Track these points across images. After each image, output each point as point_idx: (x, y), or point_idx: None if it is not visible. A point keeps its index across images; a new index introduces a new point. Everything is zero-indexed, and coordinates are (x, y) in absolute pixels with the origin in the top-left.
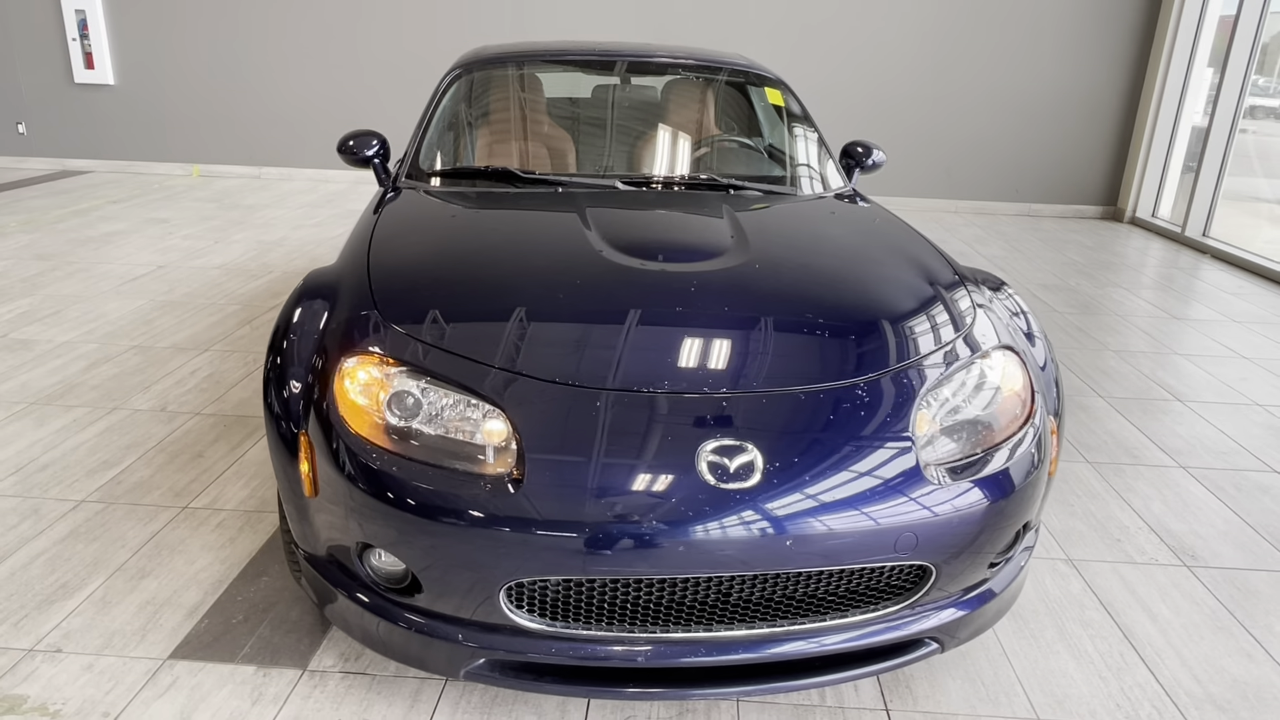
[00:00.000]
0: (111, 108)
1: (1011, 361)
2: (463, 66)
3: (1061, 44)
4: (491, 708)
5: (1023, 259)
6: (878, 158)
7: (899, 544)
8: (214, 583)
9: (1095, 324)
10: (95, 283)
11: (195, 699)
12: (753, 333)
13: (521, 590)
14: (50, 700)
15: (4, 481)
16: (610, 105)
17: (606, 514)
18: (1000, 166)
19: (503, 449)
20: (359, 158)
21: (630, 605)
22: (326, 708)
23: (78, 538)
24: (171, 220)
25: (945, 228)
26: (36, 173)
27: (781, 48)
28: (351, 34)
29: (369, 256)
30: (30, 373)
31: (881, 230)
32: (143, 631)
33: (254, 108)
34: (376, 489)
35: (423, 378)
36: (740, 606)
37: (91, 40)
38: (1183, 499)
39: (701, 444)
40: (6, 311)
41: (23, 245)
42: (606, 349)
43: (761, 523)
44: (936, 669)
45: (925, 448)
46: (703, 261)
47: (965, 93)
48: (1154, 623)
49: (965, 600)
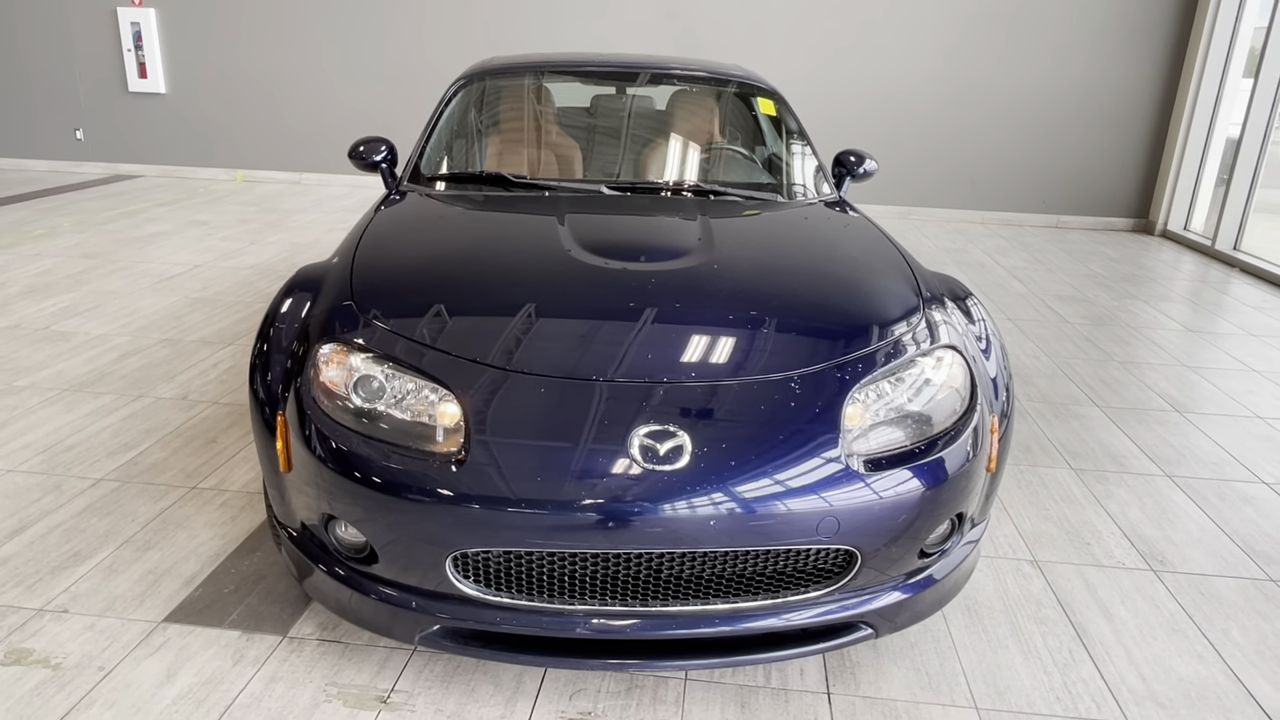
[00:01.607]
0: (162, 115)
1: (954, 361)
2: (466, 77)
3: (1092, 52)
4: (452, 676)
5: (1042, 270)
6: (869, 166)
7: (821, 528)
8: (211, 555)
9: (1105, 335)
10: (135, 280)
11: (182, 658)
12: (698, 328)
13: (467, 560)
14: (53, 654)
15: (33, 460)
16: (603, 115)
17: (541, 491)
18: (1027, 177)
19: (454, 430)
20: (368, 163)
21: (567, 578)
22: (300, 670)
23: (93, 512)
24: (211, 223)
25: (968, 239)
26: (92, 177)
27: (799, 54)
28: (387, 48)
29: (355, 254)
30: (67, 362)
31: (850, 236)
32: (142, 597)
33: (296, 116)
34: (338, 465)
35: (387, 364)
36: (673, 583)
37: (145, 51)
38: (1161, 507)
39: (634, 429)
40: (51, 306)
41: (73, 244)
42: (556, 339)
43: (687, 503)
44: (884, 656)
45: (859, 439)
46: (665, 261)
47: (990, 101)
48: (1109, 623)
49: (902, 586)
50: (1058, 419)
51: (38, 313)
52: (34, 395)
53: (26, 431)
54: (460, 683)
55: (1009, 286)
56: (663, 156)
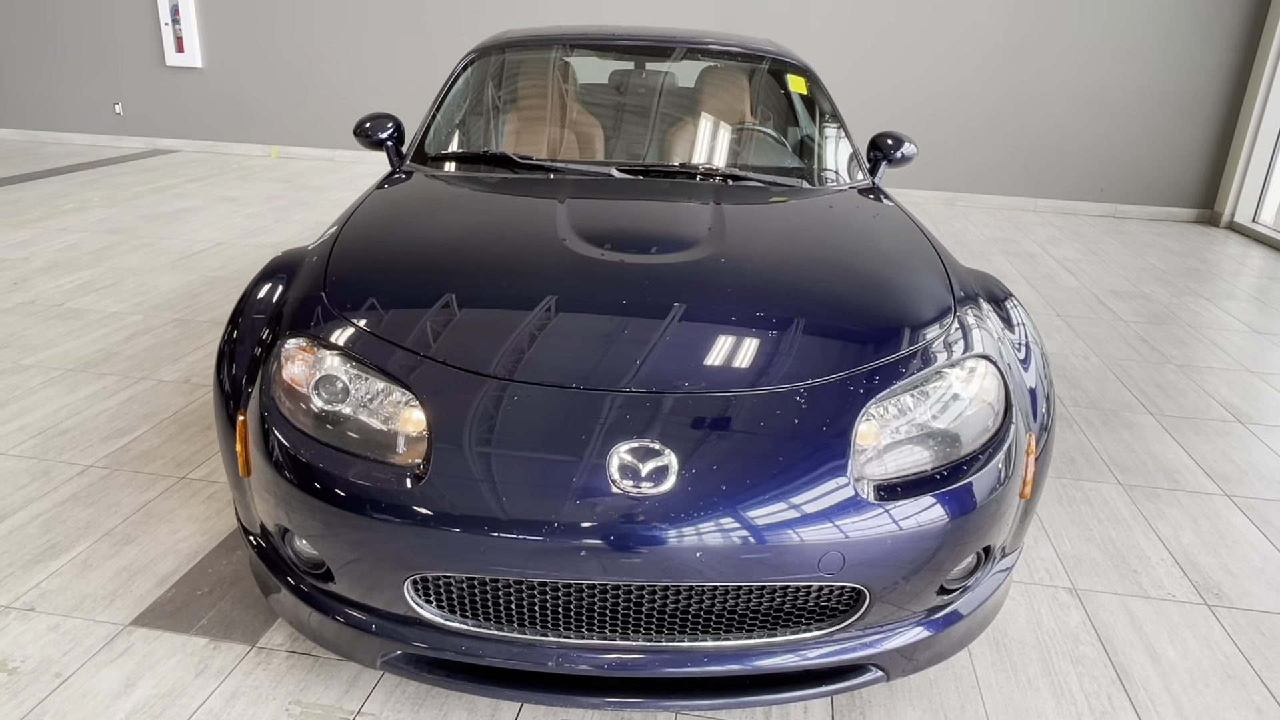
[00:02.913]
0: (199, 90)
1: (987, 373)
2: (477, 51)
3: (1160, 35)
4: (425, 700)
5: (1096, 262)
6: (907, 150)
7: (824, 563)
8: (190, 553)
9: (1162, 335)
10: (155, 257)
11: (143, 667)
12: (695, 330)
13: (428, 585)
14: (11, 657)
15: (26, 443)
16: (618, 93)
17: (506, 513)
18: (1084, 164)
19: (416, 440)
20: (373, 140)
21: (537, 609)
22: (265, 685)
23: (77, 501)
24: (240, 199)
25: (1018, 227)
26: (130, 151)
27: (849, 34)
28: (425, 24)
29: (336, 239)
30: (75, 340)
31: (878, 227)
32: (112, 597)
33: (330, 93)
34: (293, 474)
35: (352, 363)
36: (656, 618)
37: (182, 25)
38: (1219, 530)
39: (614, 445)
40: (69, 282)
41: (100, 219)
42: (535, 341)
43: (670, 532)
44: (898, 696)
45: (872, 461)
46: (669, 254)
47: (1047, 83)
48: (1155, 664)
49: (921, 623)
50: (1106, 427)
51: (55, 289)
52: (38, 374)
53: (25, 413)
54: (432, 707)
55: (1060, 279)
56: (680, 138)
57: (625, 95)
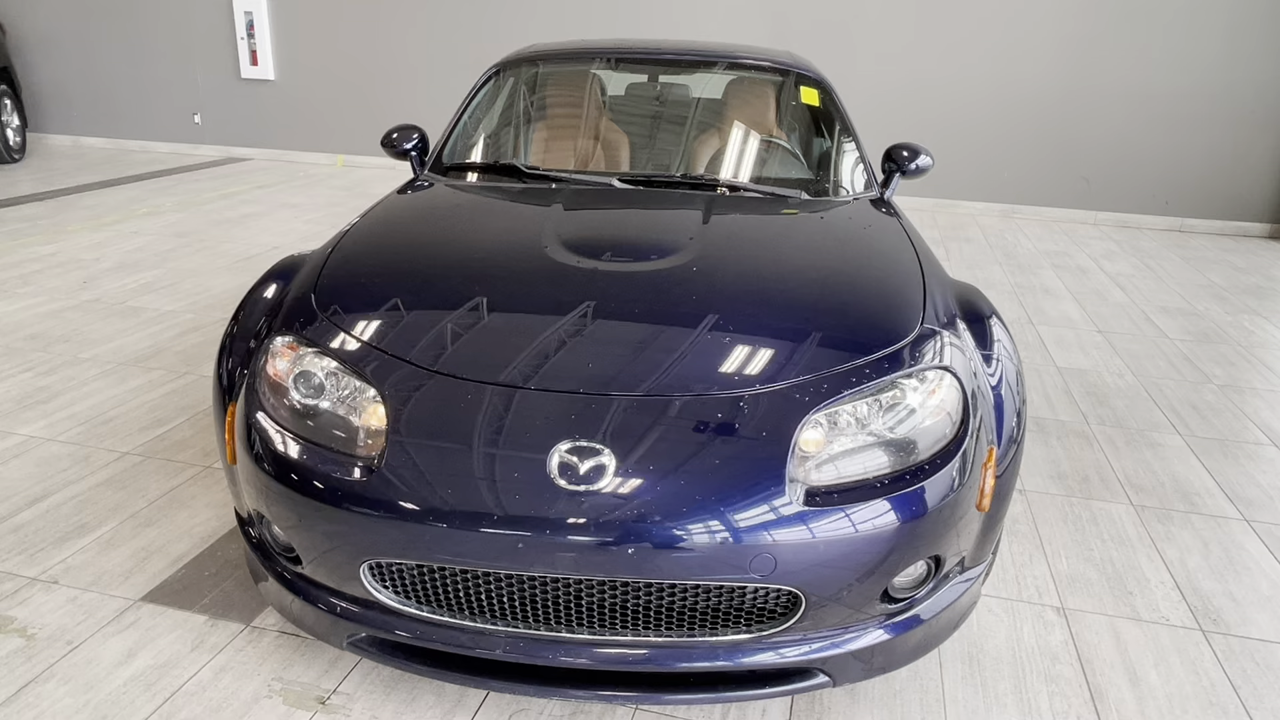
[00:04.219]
0: (271, 101)
1: (946, 385)
2: (498, 66)
3: (1229, 43)
4: (397, 683)
5: (1151, 278)
6: (922, 162)
7: (755, 564)
8: (203, 537)
9: (1208, 354)
10: (214, 260)
11: (146, 639)
12: (651, 335)
13: (383, 570)
14: (31, 624)
15: (72, 430)
16: (630, 105)
17: (448, 504)
18: (1148, 176)
19: (378, 433)
20: (399, 150)
21: (484, 598)
22: (252, 662)
23: (110, 485)
24: (302, 206)
25: (1073, 240)
26: (207, 159)
27: (902, 40)
28: (487, 38)
29: (337, 243)
30: (130, 336)
31: (865, 240)
32: (129, 574)
33: (394, 104)
34: (267, 462)
35: (328, 360)
36: (595, 612)
37: (256, 39)
38: (1230, 556)
39: (556, 444)
40: (132, 281)
41: (170, 224)
42: (493, 342)
43: (604, 528)
44: (859, 702)
45: (818, 468)
46: (643, 261)
47: (1108, 90)
48: (1133, 688)
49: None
50: (1129, 447)
51: (119, 288)
52: (93, 367)
53: (76, 402)
54: (403, 691)
55: (1108, 295)
56: (686, 149)
57: (635, 108)
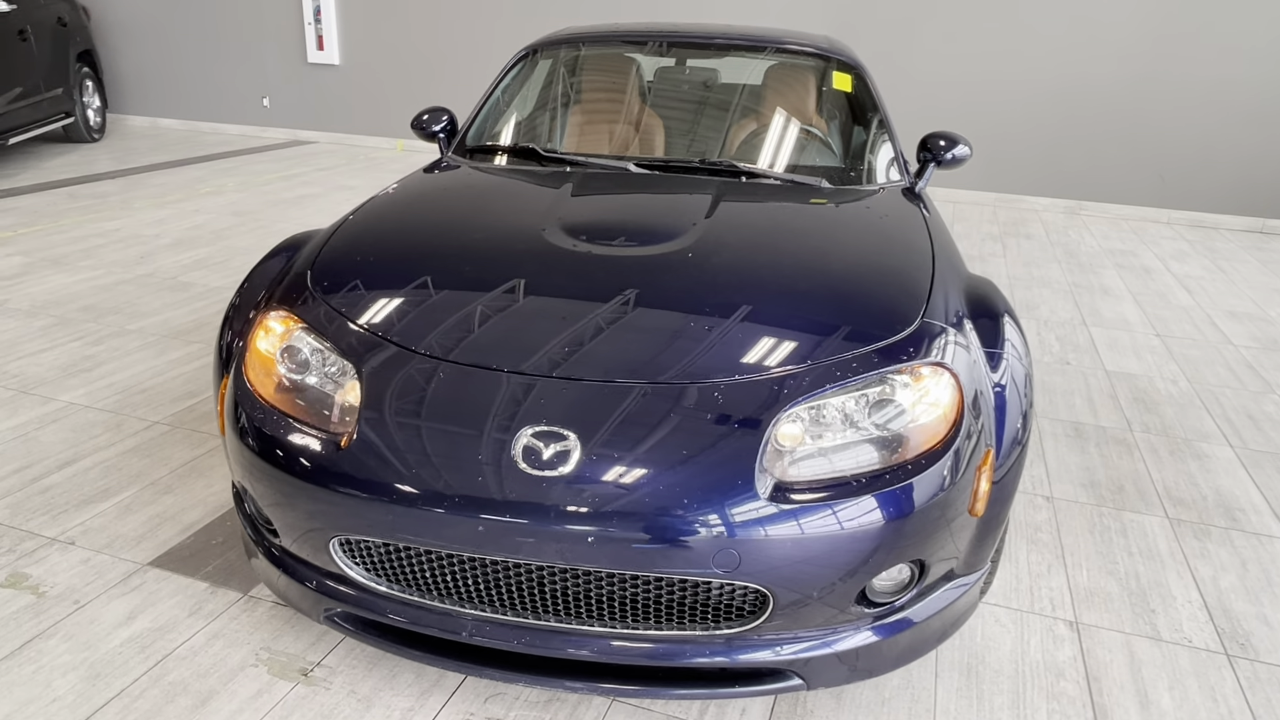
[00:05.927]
0: (335, 85)
1: (940, 382)
2: (529, 49)
3: None
4: (379, 660)
5: (1221, 280)
6: (959, 152)
7: (717, 560)
8: (216, 506)
9: (1274, 362)
10: (265, 238)
11: (148, 603)
12: (635, 321)
13: (353, 546)
14: (44, 582)
15: (110, 399)
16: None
17: (412, 483)
18: (1228, 173)
19: (350, 410)
20: (428, 132)
21: (447, 579)
22: (244, 631)
23: (137, 452)
24: (358, 188)
25: (1142, 239)
26: (274, 141)
27: (970, 28)
28: (547, 27)
29: (344, 220)
30: (177, 310)
31: (878, 229)
32: (140, 539)
33: (455, 89)
34: (251, 435)
35: (314, 336)
36: (561, 600)
37: (323, 24)
38: (1270, 577)
39: (522, 428)
40: (187, 258)
41: (229, 203)
42: (473, 323)
43: (564, 515)
44: (845, 708)
45: (798, 462)
46: (640, 247)
47: (1188, 85)
48: (1142, 711)
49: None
50: (1173, 457)
51: (174, 264)
52: (138, 339)
53: (117, 372)
54: (384, 668)
55: (1172, 297)
56: (707, 134)
57: (666, 92)
